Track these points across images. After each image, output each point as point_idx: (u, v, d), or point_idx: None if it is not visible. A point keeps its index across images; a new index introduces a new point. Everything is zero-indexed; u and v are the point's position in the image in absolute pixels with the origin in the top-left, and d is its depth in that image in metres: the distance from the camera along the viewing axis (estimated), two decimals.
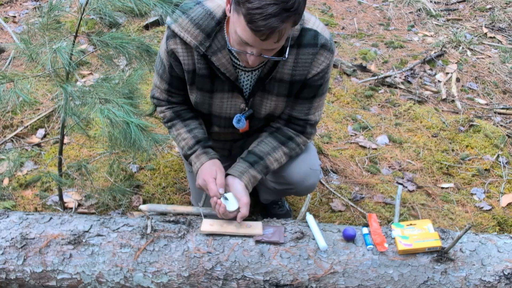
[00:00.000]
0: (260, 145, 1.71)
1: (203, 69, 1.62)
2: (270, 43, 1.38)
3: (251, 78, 1.65)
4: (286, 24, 1.33)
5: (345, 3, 4.76)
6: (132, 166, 2.52)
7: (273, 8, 1.28)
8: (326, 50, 1.58)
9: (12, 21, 3.75)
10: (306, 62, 1.58)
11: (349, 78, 3.46)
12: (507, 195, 2.53)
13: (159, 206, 1.76)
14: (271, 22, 1.30)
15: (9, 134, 2.63)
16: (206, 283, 1.56)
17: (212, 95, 1.68)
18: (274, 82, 1.62)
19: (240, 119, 1.71)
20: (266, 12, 1.28)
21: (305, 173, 1.83)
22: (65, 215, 1.70)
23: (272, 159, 1.69)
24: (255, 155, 1.69)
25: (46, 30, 1.59)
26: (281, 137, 1.73)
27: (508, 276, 1.55)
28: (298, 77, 1.61)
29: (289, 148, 1.73)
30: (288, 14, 1.31)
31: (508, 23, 4.45)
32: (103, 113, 1.44)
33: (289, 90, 1.64)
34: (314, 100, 1.69)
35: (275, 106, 1.70)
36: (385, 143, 2.86)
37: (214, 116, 1.77)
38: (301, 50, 1.56)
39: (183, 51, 1.60)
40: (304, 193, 1.98)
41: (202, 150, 1.72)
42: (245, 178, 1.64)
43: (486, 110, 3.25)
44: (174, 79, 1.70)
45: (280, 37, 1.36)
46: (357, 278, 1.56)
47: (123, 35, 1.64)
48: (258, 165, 1.67)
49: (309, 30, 1.55)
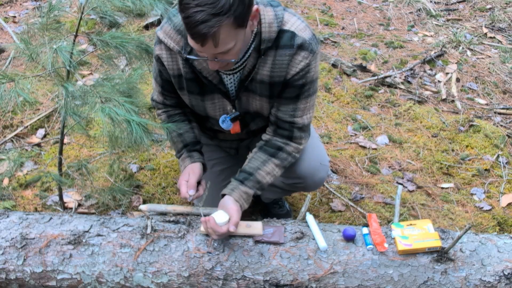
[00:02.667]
0: (250, 162, 1.72)
1: (189, 73, 1.65)
2: (210, 48, 1.38)
3: (234, 80, 1.67)
4: (218, 28, 1.32)
5: (345, 3, 4.76)
6: (132, 166, 2.52)
7: (201, 14, 1.28)
8: (303, 51, 1.56)
9: (12, 21, 3.75)
10: (283, 63, 1.58)
11: (349, 78, 3.46)
12: (507, 195, 2.53)
13: (159, 206, 1.76)
14: (200, 28, 1.30)
15: (9, 134, 2.63)
16: (206, 283, 1.56)
17: (203, 97, 1.71)
18: (255, 83, 1.64)
19: (225, 120, 1.74)
20: (194, 20, 1.29)
21: (315, 167, 1.85)
22: (65, 215, 1.70)
23: (263, 173, 1.69)
24: (245, 172, 1.70)
25: (46, 30, 1.59)
26: (270, 149, 1.72)
27: (508, 276, 1.55)
28: (277, 79, 1.61)
29: (279, 159, 1.71)
30: (219, 19, 1.30)
31: (508, 23, 4.45)
32: (104, 112, 1.44)
33: (270, 91, 1.65)
34: (298, 101, 1.67)
35: (260, 105, 1.71)
36: (385, 143, 2.86)
37: (211, 118, 1.80)
38: (279, 52, 1.57)
39: (167, 57, 1.64)
40: (312, 188, 1.99)
41: (187, 154, 1.77)
42: (235, 194, 1.64)
43: (486, 110, 3.25)
44: (165, 83, 1.75)
45: (216, 42, 1.36)
46: (357, 278, 1.56)
47: (123, 35, 1.65)
48: (249, 181, 1.67)
49: (286, 31, 1.55)
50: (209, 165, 2.01)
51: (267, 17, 1.53)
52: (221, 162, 2.02)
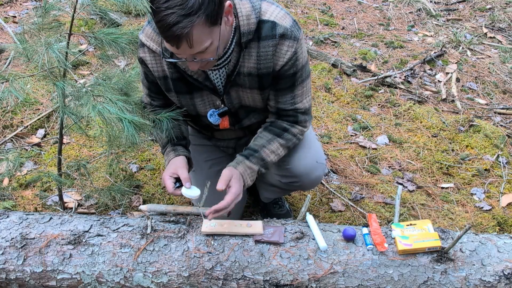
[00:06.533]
0: (256, 140, 1.74)
1: (174, 73, 1.65)
2: (186, 49, 1.38)
3: (220, 76, 1.67)
4: (191, 29, 1.32)
5: (345, 3, 4.76)
6: (132, 166, 2.52)
7: (172, 17, 1.28)
8: (287, 39, 1.55)
9: (12, 21, 3.74)
10: (267, 54, 1.57)
11: (349, 78, 3.46)
12: (507, 195, 2.53)
13: (159, 206, 1.76)
14: (173, 31, 1.30)
15: (9, 134, 2.63)
16: (206, 283, 1.56)
17: (192, 95, 1.71)
18: (243, 76, 1.64)
19: (213, 114, 1.75)
20: (166, 23, 1.29)
21: (311, 165, 1.85)
22: (65, 215, 1.70)
23: (268, 151, 1.70)
24: (250, 149, 1.71)
25: (42, 30, 1.59)
26: (276, 129, 1.74)
27: (508, 276, 1.55)
28: (265, 70, 1.61)
29: (285, 139, 1.73)
30: (190, 19, 1.30)
31: (508, 23, 4.45)
32: (94, 110, 1.44)
33: (259, 83, 1.65)
34: (295, 89, 1.68)
35: (252, 98, 1.71)
36: (385, 143, 2.86)
37: (202, 116, 1.80)
38: (261, 43, 1.56)
39: (151, 59, 1.64)
40: (309, 187, 1.99)
41: (171, 148, 1.76)
42: (240, 167, 1.66)
43: (486, 110, 3.25)
44: (151, 85, 1.76)
45: (190, 42, 1.35)
46: (357, 278, 1.56)
47: (115, 30, 1.64)
48: (253, 158, 1.68)
49: (266, 21, 1.54)
50: (207, 165, 2.01)
51: (244, 9, 1.52)
52: (219, 162, 2.02)
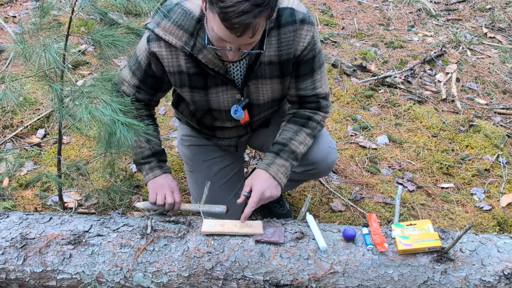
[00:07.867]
0: (282, 134, 1.76)
1: (192, 68, 1.65)
2: (246, 39, 1.42)
3: (240, 68, 1.68)
4: (260, 19, 1.36)
5: (345, 3, 4.76)
6: (132, 166, 2.52)
7: (245, 5, 1.31)
8: (305, 24, 1.61)
9: (12, 21, 3.74)
10: (289, 40, 1.61)
11: (349, 78, 3.46)
12: (507, 195, 2.53)
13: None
14: (244, 18, 1.33)
15: (9, 134, 2.63)
16: (206, 283, 1.56)
17: (207, 91, 1.71)
18: (264, 66, 1.65)
19: (237, 109, 1.76)
20: (238, 10, 1.31)
21: (326, 151, 1.90)
22: (65, 215, 1.70)
23: (297, 143, 1.73)
24: (279, 144, 1.73)
25: (41, 30, 1.59)
26: (300, 120, 1.76)
27: (508, 276, 1.55)
28: (286, 56, 1.64)
29: (310, 128, 1.76)
30: (260, 9, 1.34)
31: (508, 23, 4.45)
32: (86, 110, 1.44)
33: (281, 71, 1.68)
34: (315, 74, 1.72)
35: (271, 89, 1.73)
36: (385, 143, 2.86)
37: (215, 111, 1.80)
38: (282, 30, 1.60)
39: (167, 54, 1.62)
40: (324, 173, 2.03)
41: (157, 164, 1.78)
42: (272, 169, 1.68)
43: (486, 110, 3.25)
44: (148, 78, 1.71)
45: (254, 32, 1.40)
46: (357, 278, 1.56)
47: (113, 32, 1.64)
48: (284, 153, 1.70)
49: (285, 9, 1.59)
50: (206, 165, 2.01)
51: None
52: (219, 161, 2.01)
